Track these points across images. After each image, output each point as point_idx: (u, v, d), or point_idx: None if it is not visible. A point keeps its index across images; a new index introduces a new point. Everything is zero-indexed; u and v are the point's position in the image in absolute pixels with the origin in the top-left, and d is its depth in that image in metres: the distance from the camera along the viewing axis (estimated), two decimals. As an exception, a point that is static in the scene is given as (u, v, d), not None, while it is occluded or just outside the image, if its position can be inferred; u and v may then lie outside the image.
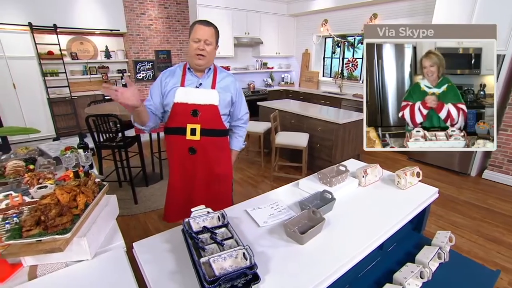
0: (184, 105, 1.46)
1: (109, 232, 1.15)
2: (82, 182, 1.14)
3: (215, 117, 1.52)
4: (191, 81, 1.50)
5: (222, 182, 1.66)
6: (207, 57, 1.44)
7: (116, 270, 0.96)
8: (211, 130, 1.52)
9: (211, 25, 1.45)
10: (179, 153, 1.55)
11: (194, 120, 1.47)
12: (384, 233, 1.20)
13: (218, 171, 1.61)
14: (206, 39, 1.41)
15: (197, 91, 1.48)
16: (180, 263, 0.98)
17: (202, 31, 1.40)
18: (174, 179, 1.63)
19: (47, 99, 5.00)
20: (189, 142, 1.50)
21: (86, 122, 2.68)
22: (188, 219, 1.09)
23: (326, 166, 3.51)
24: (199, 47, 1.41)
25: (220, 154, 1.61)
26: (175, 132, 1.52)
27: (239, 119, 1.66)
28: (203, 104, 1.47)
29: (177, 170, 1.60)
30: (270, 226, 1.20)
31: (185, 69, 1.51)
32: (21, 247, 0.88)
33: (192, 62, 1.47)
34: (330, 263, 1.00)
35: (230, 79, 1.57)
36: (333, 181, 1.45)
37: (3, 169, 1.63)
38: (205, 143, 1.52)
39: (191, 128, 1.48)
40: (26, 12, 4.57)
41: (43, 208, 0.94)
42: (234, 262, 0.92)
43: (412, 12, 4.27)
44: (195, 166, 1.56)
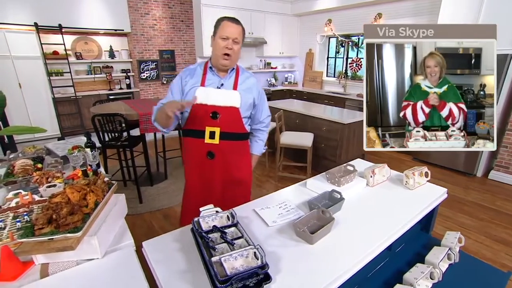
0: (203, 106, 1.38)
1: (118, 231, 1.15)
2: (92, 181, 1.15)
3: (236, 120, 1.43)
4: (212, 81, 1.41)
5: (240, 188, 1.58)
6: (233, 57, 1.36)
7: (126, 269, 0.96)
8: (231, 134, 1.43)
9: (239, 23, 1.36)
10: (196, 157, 1.47)
11: (213, 122, 1.39)
12: (394, 233, 1.19)
13: (237, 177, 1.53)
14: (235, 38, 1.32)
15: (217, 92, 1.39)
16: (191, 262, 0.98)
17: (231, 29, 1.31)
18: (191, 184, 1.55)
19: (52, 99, 5.03)
20: (208, 146, 1.42)
21: (92, 121, 2.69)
22: (198, 218, 1.09)
23: (330, 166, 3.51)
24: (227, 46, 1.32)
25: (240, 159, 1.53)
26: (193, 134, 1.44)
27: (261, 122, 1.58)
28: (224, 106, 1.39)
29: (194, 174, 1.52)
30: (279, 226, 1.20)
31: (206, 68, 1.43)
32: (34, 245, 0.88)
33: (216, 62, 1.38)
34: (340, 263, 1.00)
35: (253, 80, 1.49)
36: (341, 181, 1.45)
37: (12, 168, 1.64)
38: (224, 147, 1.43)
39: (210, 131, 1.40)
40: (32, 12, 4.60)
41: (54, 207, 0.94)
42: (245, 262, 0.92)
43: (417, 11, 4.25)
44: (213, 171, 1.47)
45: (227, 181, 1.52)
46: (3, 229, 1.06)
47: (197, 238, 1.02)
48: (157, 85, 6.25)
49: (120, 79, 5.95)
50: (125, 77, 5.89)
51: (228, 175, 1.51)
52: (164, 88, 6.35)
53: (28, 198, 1.26)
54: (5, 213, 1.16)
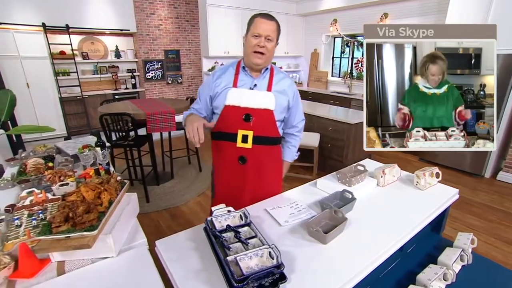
0: (236, 108, 1.31)
1: (131, 230, 1.16)
2: (105, 180, 1.15)
3: (270, 123, 1.36)
4: (244, 81, 1.35)
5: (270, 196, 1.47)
6: (267, 55, 1.28)
7: (141, 268, 0.96)
8: (265, 138, 1.36)
9: (274, 20, 1.27)
10: (227, 162, 1.41)
11: (246, 125, 1.32)
12: (406, 234, 1.18)
13: (268, 187, 1.46)
14: (268, 35, 1.24)
15: (251, 93, 1.33)
16: (205, 261, 0.98)
17: (264, 26, 1.23)
18: (222, 190, 1.49)
19: (59, 98, 5.08)
20: (240, 150, 1.35)
21: (100, 120, 2.71)
22: (211, 218, 1.10)
23: (337, 166, 3.51)
24: (259, 44, 1.24)
25: (272, 166, 1.47)
26: (224, 137, 1.37)
27: (294, 126, 1.51)
28: (257, 108, 1.32)
29: (224, 180, 1.46)
30: (291, 226, 1.19)
31: (239, 68, 1.36)
32: (51, 243, 0.89)
33: (248, 61, 1.31)
34: (354, 263, 0.99)
35: (288, 81, 1.41)
36: (352, 181, 1.44)
37: (24, 167, 1.65)
38: (257, 152, 1.36)
39: (242, 134, 1.33)
40: (40, 12, 4.65)
41: (70, 205, 0.95)
42: (260, 261, 0.92)
43: (424, 11, 4.22)
44: (245, 177, 1.40)
45: (258, 189, 1.44)
46: (19, 226, 1.07)
47: (211, 237, 1.02)
48: (162, 84, 6.28)
49: (125, 79, 5.99)
50: (131, 77, 5.93)
51: (259, 183, 1.44)
52: (169, 88, 6.38)
53: (42, 197, 1.27)
54: (20, 211, 1.18)
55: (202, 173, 3.65)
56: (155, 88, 6.22)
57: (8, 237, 1.01)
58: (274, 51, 1.32)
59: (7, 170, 1.77)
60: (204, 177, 3.53)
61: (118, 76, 5.78)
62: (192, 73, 6.57)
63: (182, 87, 6.53)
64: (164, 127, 2.87)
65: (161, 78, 6.19)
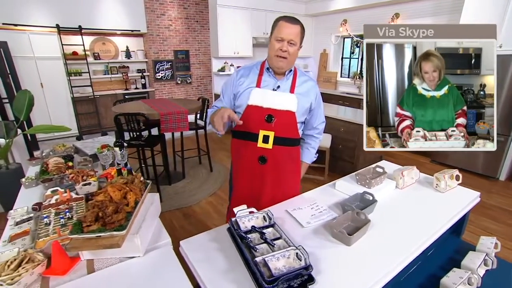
0: (258, 108, 1.33)
1: (155, 230, 1.17)
2: (129, 180, 1.17)
3: (291, 124, 1.37)
4: (267, 82, 1.36)
5: (289, 197, 1.47)
6: (289, 59, 1.29)
7: (167, 267, 0.98)
8: (285, 139, 1.38)
9: (298, 23, 1.27)
10: (247, 161, 1.42)
11: (268, 126, 1.33)
12: (429, 237, 1.17)
13: (287, 188, 1.47)
14: (291, 39, 1.25)
15: (274, 94, 1.34)
16: (231, 261, 0.99)
17: (288, 30, 1.24)
18: (240, 189, 1.50)
19: (71, 98, 5.16)
20: (260, 150, 1.37)
21: (115, 120, 2.75)
22: (235, 218, 1.10)
23: (347, 167, 3.50)
24: (281, 48, 1.25)
25: (291, 166, 1.48)
26: (245, 137, 1.39)
27: (314, 128, 1.52)
28: (280, 109, 1.33)
29: (244, 179, 1.47)
30: (313, 227, 1.20)
31: (263, 69, 1.37)
32: (83, 242, 0.91)
33: (271, 63, 1.33)
34: (378, 266, 0.99)
35: (311, 83, 1.42)
36: (372, 183, 1.43)
37: (45, 166, 1.69)
38: (277, 152, 1.38)
39: (264, 135, 1.34)
40: (54, 14, 4.74)
41: (100, 205, 0.97)
42: (287, 263, 0.93)
43: (438, 11, 4.16)
44: (264, 177, 1.42)
45: (277, 189, 1.45)
46: (48, 224, 1.10)
47: (236, 238, 1.03)
48: (171, 85, 6.33)
49: (135, 79, 6.06)
50: (141, 77, 5.99)
51: (278, 182, 1.45)
52: (178, 88, 6.43)
53: (67, 196, 1.30)
54: (47, 209, 1.20)
55: (213, 173, 3.67)
56: (164, 88, 6.27)
57: (39, 235, 1.03)
58: (297, 54, 1.32)
59: (30, 169, 1.80)
60: (215, 177, 3.55)
61: (129, 76, 5.84)
62: (201, 73, 6.61)
63: (191, 87, 6.58)
64: (177, 127, 2.90)
65: (170, 78, 6.24)
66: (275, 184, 1.45)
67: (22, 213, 1.24)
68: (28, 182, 1.53)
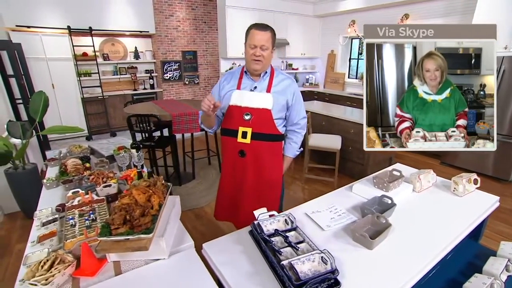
0: (237, 108, 1.48)
1: (177, 232, 1.18)
2: (152, 183, 1.19)
3: (268, 121, 1.49)
4: (246, 84, 1.51)
5: (271, 189, 1.62)
6: (264, 62, 1.43)
7: (192, 270, 0.99)
8: (263, 134, 1.50)
9: (268, 29, 1.41)
10: (230, 155, 1.57)
11: (246, 123, 1.48)
12: (450, 242, 1.18)
13: (268, 177, 1.58)
14: (262, 45, 1.39)
15: (250, 95, 1.48)
16: (255, 264, 1.00)
17: (258, 37, 1.38)
18: (224, 180, 1.65)
19: (81, 99, 5.22)
20: (240, 145, 1.51)
21: (128, 121, 2.78)
22: (258, 221, 1.11)
23: (357, 169, 3.49)
24: (255, 53, 1.40)
25: (271, 159, 1.57)
26: (228, 133, 1.54)
27: (295, 124, 1.60)
28: (256, 107, 1.47)
29: (228, 171, 1.62)
30: (334, 230, 1.20)
31: (242, 73, 1.53)
32: (111, 244, 0.93)
33: (248, 67, 1.48)
34: (401, 271, 1.00)
35: (288, 82, 1.53)
36: (390, 186, 1.44)
37: (64, 167, 1.72)
38: (256, 147, 1.50)
39: (242, 131, 1.49)
40: (66, 16, 4.80)
41: (127, 207, 0.99)
42: (312, 266, 0.93)
43: (449, 12, 4.12)
44: (245, 169, 1.55)
45: (258, 180, 1.57)
46: (74, 226, 1.12)
47: (260, 241, 1.04)
48: (179, 85, 6.36)
49: (144, 80, 6.10)
50: (149, 77, 6.04)
51: (259, 175, 1.56)
52: (186, 89, 6.47)
53: (88, 197, 1.32)
54: (71, 210, 1.23)
55: (222, 174, 3.68)
56: (172, 88, 6.31)
57: (66, 236, 1.06)
58: (271, 56, 1.46)
59: (49, 169, 1.84)
60: (225, 178, 3.56)
61: (137, 76, 5.89)
62: (208, 73, 6.64)
63: (198, 88, 6.61)
64: (189, 128, 2.92)
65: (178, 78, 6.28)
66: (255, 176, 1.57)
67: (47, 214, 1.27)
68: (49, 183, 1.56)
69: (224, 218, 1.74)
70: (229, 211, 1.69)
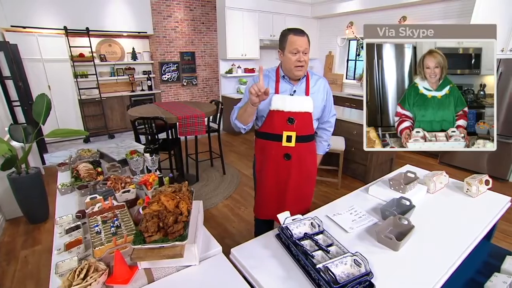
0: (280, 112, 1.46)
1: (203, 238, 1.18)
2: (177, 188, 1.18)
3: (309, 123, 1.52)
4: (285, 88, 1.49)
5: (309, 184, 1.66)
6: (305, 66, 1.43)
7: (225, 275, 0.99)
8: (305, 136, 1.53)
9: (305, 34, 1.40)
10: (273, 159, 1.56)
11: (290, 127, 1.47)
12: (471, 243, 1.20)
13: (307, 174, 1.62)
14: (305, 49, 1.38)
15: (292, 99, 1.47)
16: (286, 268, 1.01)
17: (300, 42, 1.36)
18: (268, 183, 1.62)
19: (78, 100, 5.13)
20: (285, 149, 1.51)
21: (133, 124, 2.75)
22: (286, 225, 1.12)
23: (360, 169, 3.53)
24: (299, 59, 1.38)
25: (310, 159, 1.62)
26: (270, 138, 1.53)
27: (326, 121, 1.63)
28: (299, 111, 1.47)
29: (271, 174, 1.60)
30: (357, 232, 1.22)
31: (278, 76, 1.50)
32: (146, 252, 0.92)
33: (290, 73, 1.45)
34: (429, 272, 1.03)
35: (322, 81, 1.55)
36: (406, 188, 1.46)
37: (76, 172, 1.69)
38: (300, 149, 1.52)
39: (287, 135, 1.48)
40: (62, 16, 4.71)
41: (159, 214, 0.98)
42: (345, 269, 0.95)
43: (446, 14, 4.21)
44: (289, 171, 1.56)
45: (300, 178, 1.59)
46: (99, 233, 1.11)
47: (289, 245, 1.05)
48: (177, 86, 6.32)
49: (141, 81, 6.04)
50: (147, 78, 5.98)
51: (301, 173, 1.58)
52: (184, 90, 6.43)
53: (109, 203, 1.31)
54: (93, 217, 1.21)
55: (226, 176, 3.68)
56: (170, 90, 6.26)
57: (94, 244, 1.04)
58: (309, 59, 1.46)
59: (59, 174, 1.80)
60: (229, 180, 3.57)
61: (135, 78, 5.82)
62: (207, 75, 6.61)
63: (197, 89, 6.57)
64: (195, 131, 2.91)
65: (176, 80, 6.23)
66: (298, 175, 1.58)
67: (68, 220, 1.25)
68: (64, 188, 1.53)
69: (266, 216, 1.72)
70: (272, 209, 1.66)
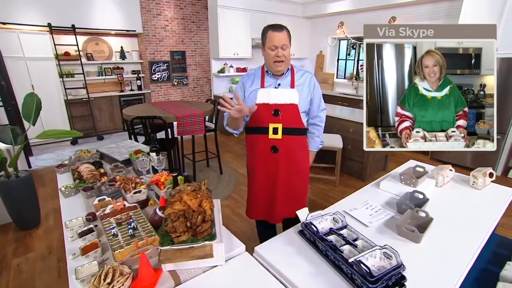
0: (265, 105, 1.50)
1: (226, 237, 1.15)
2: (197, 187, 1.15)
3: (296, 116, 1.53)
4: (270, 82, 1.53)
5: (301, 181, 1.66)
6: (286, 61, 1.46)
7: (254, 273, 0.97)
8: (292, 129, 1.54)
9: (284, 29, 1.43)
10: (261, 152, 1.57)
11: (275, 119, 1.50)
12: (486, 234, 1.23)
13: (298, 170, 1.62)
14: (283, 44, 1.40)
15: (277, 91, 1.51)
16: (314, 264, 1.00)
17: (278, 38, 1.40)
18: (257, 178, 1.63)
19: (64, 101, 4.92)
20: (272, 141, 1.53)
21: (130, 124, 2.66)
22: (310, 221, 1.11)
23: (356, 167, 3.58)
24: (277, 55, 1.42)
25: (301, 153, 1.62)
26: (258, 131, 1.55)
27: (316, 116, 1.64)
28: (284, 103, 1.50)
29: (260, 169, 1.60)
30: (376, 226, 1.23)
31: (263, 72, 1.54)
32: (175, 253, 0.88)
33: (271, 68, 1.49)
34: (451, 262, 1.04)
35: (308, 75, 1.57)
36: (418, 182, 1.49)
37: (78, 174, 1.61)
38: (287, 141, 1.53)
39: (273, 127, 1.51)
40: (46, 13, 4.51)
41: (185, 214, 0.94)
42: (375, 262, 0.95)
43: (434, 15, 4.35)
44: (278, 164, 1.56)
45: (290, 174, 1.59)
46: (116, 236, 1.05)
47: (316, 241, 1.04)
48: (168, 86, 6.19)
49: (131, 81, 5.88)
50: (136, 78, 5.82)
51: (291, 168, 1.59)
52: (174, 90, 6.31)
53: (120, 205, 1.25)
54: (106, 219, 1.15)
55: (223, 176, 3.63)
56: (161, 89, 6.13)
57: (112, 247, 0.99)
58: (290, 54, 1.48)
59: (59, 176, 1.71)
60: (226, 180, 3.52)
61: (124, 77, 5.66)
62: (197, 74, 6.52)
63: (187, 89, 6.47)
64: (194, 130, 2.85)
65: (167, 79, 6.11)
66: (288, 170, 1.58)
67: (78, 224, 1.18)
68: (68, 190, 1.45)
69: (258, 216, 1.71)
70: (263, 208, 1.67)
